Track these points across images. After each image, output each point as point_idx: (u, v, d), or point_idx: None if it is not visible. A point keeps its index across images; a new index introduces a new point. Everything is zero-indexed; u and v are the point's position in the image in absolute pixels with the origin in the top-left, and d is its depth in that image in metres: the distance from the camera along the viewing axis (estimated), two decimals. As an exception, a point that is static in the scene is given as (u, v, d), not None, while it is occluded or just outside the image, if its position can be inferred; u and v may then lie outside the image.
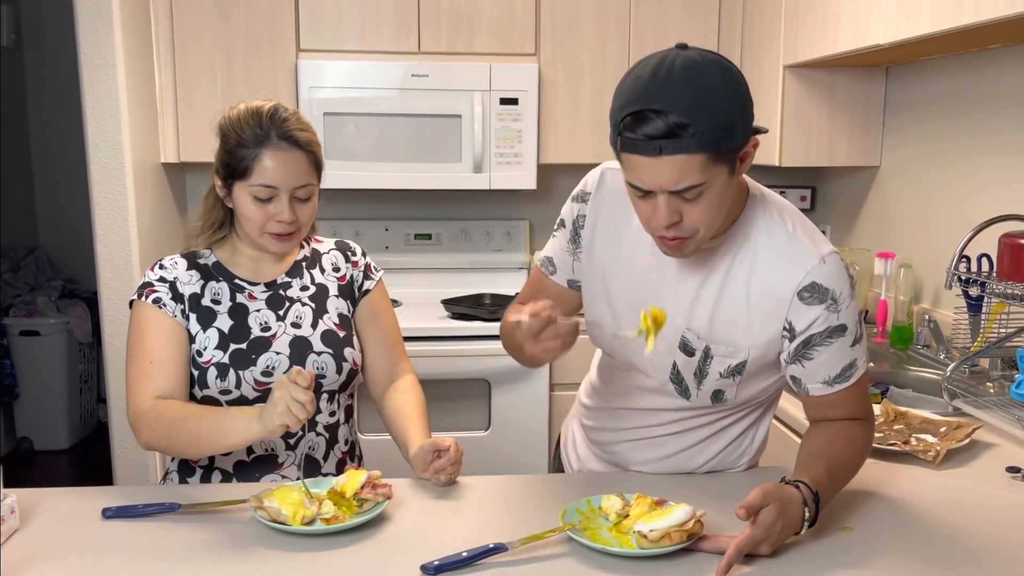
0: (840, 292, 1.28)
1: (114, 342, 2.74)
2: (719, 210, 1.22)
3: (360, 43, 2.94)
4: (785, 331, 1.30)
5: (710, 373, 1.35)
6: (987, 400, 1.81)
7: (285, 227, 1.47)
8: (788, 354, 1.32)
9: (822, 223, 3.19)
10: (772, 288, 1.29)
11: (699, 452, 1.48)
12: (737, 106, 1.17)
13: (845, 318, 1.28)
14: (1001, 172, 2.24)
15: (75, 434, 4.27)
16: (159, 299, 1.49)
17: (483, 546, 1.17)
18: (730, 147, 1.17)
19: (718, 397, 1.38)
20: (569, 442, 1.68)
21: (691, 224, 1.21)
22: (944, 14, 1.88)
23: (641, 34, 3.04)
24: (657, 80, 1.14)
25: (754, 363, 1.34)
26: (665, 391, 1.40)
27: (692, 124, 1.12)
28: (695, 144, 1.13)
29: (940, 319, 2.38)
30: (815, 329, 1.28)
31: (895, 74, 2.73)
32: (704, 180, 1.16)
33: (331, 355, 1.54)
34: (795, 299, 1.28)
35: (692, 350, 1.34)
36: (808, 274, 1.27)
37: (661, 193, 1.18)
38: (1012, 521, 1.33)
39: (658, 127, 1.13)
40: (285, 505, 1.25)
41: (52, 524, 1.29)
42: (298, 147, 1.46)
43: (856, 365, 1.32)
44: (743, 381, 1.36)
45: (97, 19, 2.59)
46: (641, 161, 1.16)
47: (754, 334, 1.31)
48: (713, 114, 1.13)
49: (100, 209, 2.68)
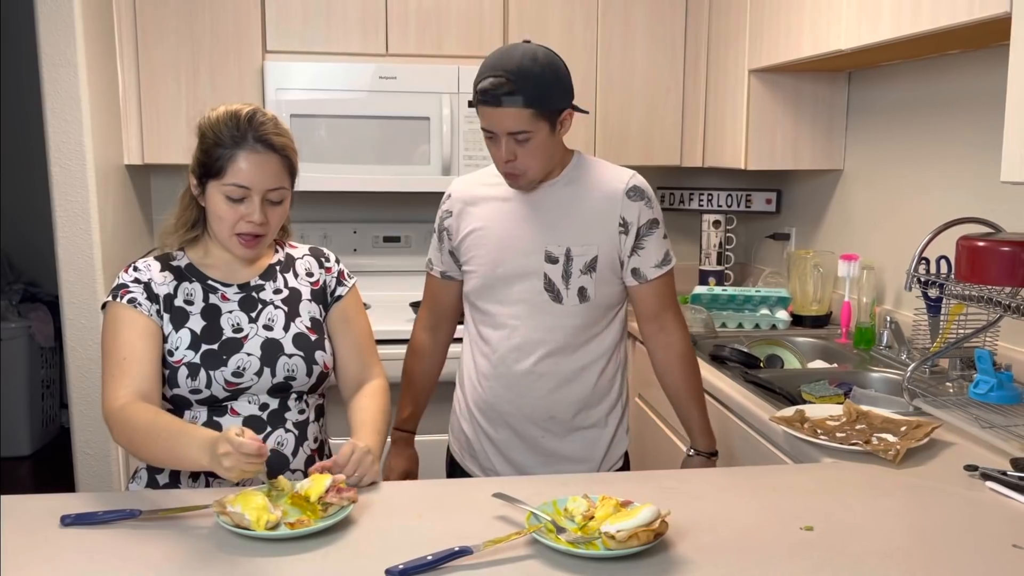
0: (651, 194, 1.79)
1: (76, 346, 2.70)
2: (544, 157, 1.70)
3: (327, 44, 2.93)
4: (620, 227, 1.75)
5: (573, 272, 1.75)
6: (946, 400, 1.84)
7: (255, 227, 1.49)
8: (627, 250, 1.76)
9: (787, 226, 3.23)
10: (606, 194, 1.76)
11: (569, 391, 1.79)
12: (553, 80, 1.66)
13: (657, 214, 1.79)
14: (960, 175, 2.28)
15: (37, 440, 4.20)
16: (134, 299, 1.50)
17: (448, 549, 1.17)
18: (548, 108, 1.65)
19: (583, 295, 1.76)
20: (463, 447, 1.90)
21: (523, 164, 1.69)
22: (903, 20, 1.91)
23: (608, 38, 3.06)
24: (502, 58, 1.66)
25: (603, 258, 1.75)
26: (539, 303, 1.75)
27: (520, 86, 1.61)
28: (522, 100, 1.62)
29: (902, 320, 2.41)
30: (640, 221, 1.76)
31: (857, 79, 2.77)
32: (531, 129, 1.65)
33: (302, 357, 1.55)
34: (624, 198, 1.75)
35: (556, 258, 1.75)
36: (629, 181, 1.77)
37: (502, 135, 1.66)
38: (969, 518, 1.36)
39: (499, 84, 1.62)
40: (248, 510, 1.23)
41: (9, 532, 1.27)
42: (273, 150, 1.49)
43: (671, 254, 1.81)
44: (598, 278, 1.75)
45: (58, 18, 2.55)
46: (488, 111, 1.66)
47: (599, 233, 1.75)
48: (537, 83, 1.63)
49: (61, 212, 2.64)
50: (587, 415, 1.82)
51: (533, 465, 1.82)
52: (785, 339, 2.61)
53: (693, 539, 1.25)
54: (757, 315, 2.84)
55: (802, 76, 2.78)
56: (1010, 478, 1.46)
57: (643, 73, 3.11)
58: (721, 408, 2.14)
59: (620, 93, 3.10)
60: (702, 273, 3.27)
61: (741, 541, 1.25)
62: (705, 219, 3.26)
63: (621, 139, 3.13)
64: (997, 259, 1.67)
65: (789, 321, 2.81)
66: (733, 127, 2.89)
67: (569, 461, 1.82)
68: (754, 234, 3.48)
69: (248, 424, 1.51)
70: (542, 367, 1.78)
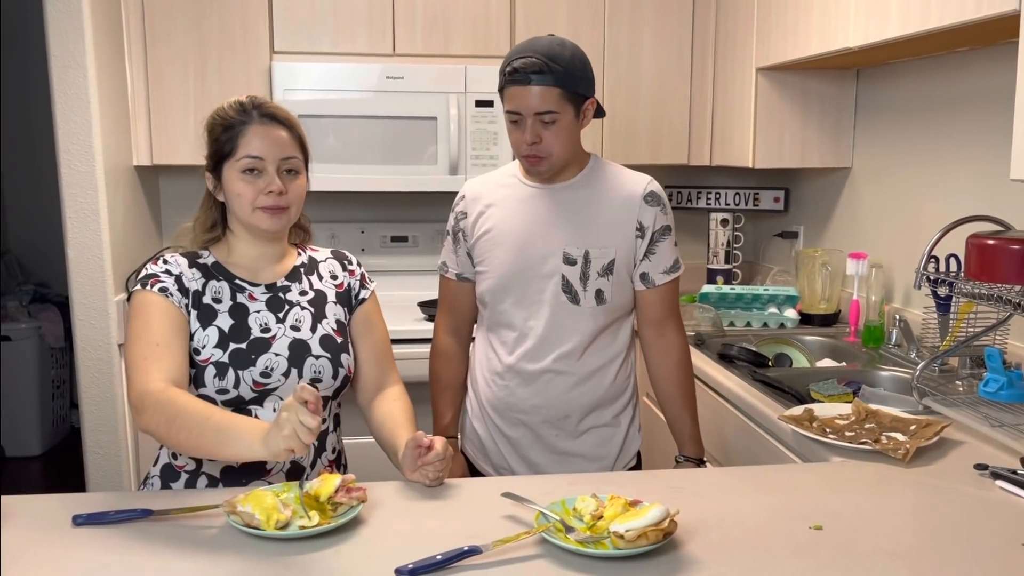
0: (666, 201, 1.82)
1: (86, 347, 2.71)
2: (568, 142, 1.72)
3: (335, 45, 2.94)
4: (637, 231, 1.78)
5: (591, 274, 1.76)
6: (956, 398, 1.84)
7: (275, 199, 1.48)
8: (640, 254, 1.79)
9: (795, 224, 3.22)
10: (625, 197, 1.78)
11: (584, 391, 1.80)
12: (581, 66, 1.70)
13: (670, 221, 1.82)
14: (969, 173, 2.27)
15: (47, 440, 4.22)
16: (165, 288, 1.48)
17: (457, 549, 1.17)
18: (575, 90, 1.68)
19: (600, 297, 1.76)
20: (477, 448, 1.91)
21: (547, 147, 1.70)
22: (912, 18, 1.90)
23: (615, 36, 3.06)
24: (531, 43, 1.70)
25: (620, 262, 1.77)
26: (557, 304, 1.76)
27: (551, 66, 1.65)
28: (551, 79, 1.65)
29: (911, 319, 2.41)
30: (656, 227, 1.78)
31: (866, 77, 2.76)
32: (558, 110, 1.67)
33: (328, 359, 1.55)
34: (642, 202, 1.78)
35: (574, 259, 1.76)
36: (647, 186, 1.80)
37: (528, 117, 1.68)
38: (979, 517, 1.35)
39: (529, 64, 1.65)
40: (258, 510, 1.24)
41: (22, 531, 1.28)
42: (279, 122, 1.52)
43: (679, 261, 1.85)
44: (615, 280, 1.77)
45: (67, 20, 2.56)
46: (517, 90, 1.67)
47: (617, 236, 1.77)
48: (565, 64, 1.67)
49: (71, 212, 2.65)
50: (601, 414, 1.83)
51: (548, 464, 1.83)
52: (793, 338, 2.61)
53: (702, 538, 1.25)
54: (765, 314, 2.83)
55: (810, 74, 2.77)
56: (1020, 477, 1.46)
57: (650, 72, 3.10)
58: (729, 407, 2.14)
59: (627, 92, 3.10)
60: (710, 272, 3.27)
61: (750, 540, 1.25)
62: (713, 218, 3.26)
63: (629, 138, 3.13)
64: (1007, 257, 1.67)
65: (797, 320, 2.80)
66: (741, 125, 2.88)
67: (584, 459, 1.83)
68: (762, 232, 3.47)
69: None
70: (558, 367, 1.78)
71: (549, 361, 1.78)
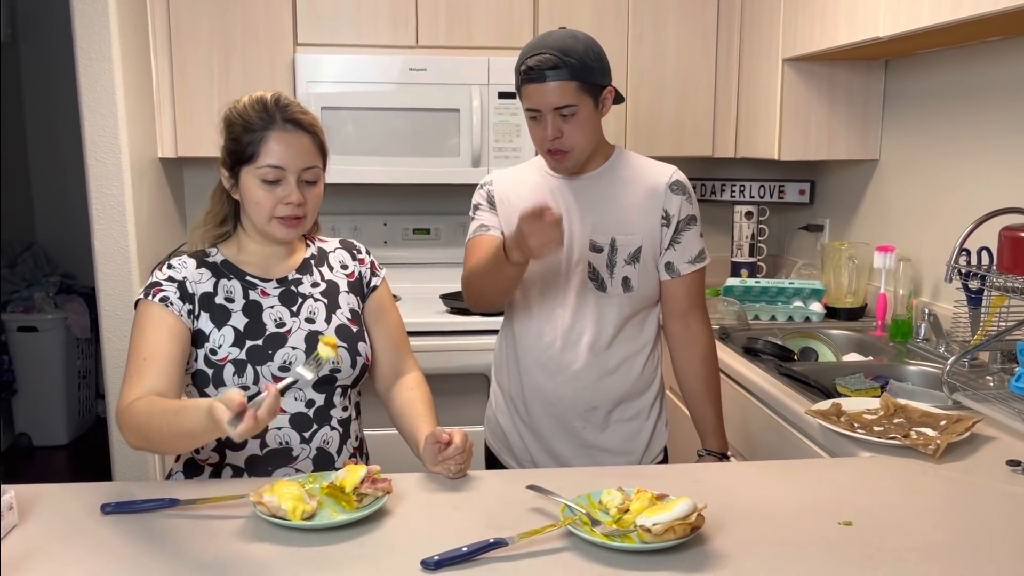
0: (691, 190, 1.81)
1: (112, 337, 2.73)
2: (589, 133, 1.71)
3: (358, 37, 2.93)
4: (663, 219, 1.77)
5: (618, 262, 1.76)
6: (987, 393, 1.81)
7: (293, 210, 1.48)
8: (666, 242, 1.78)
9: (821, 217, 3.19)
10: (650, 186, 1.78)
11: (612, 383, 1.79)
12: (595, 56, 1.68)
13: (695, 211, 1.81)
14: (1001, 165, 2.23)
15: (73, 430, 4.27)
16: (166, 298, 1.48)
17: (483, 541, 1.17)
18: (592, 81, 1.67)
19: (627, 285, 1.76)
20: (501, 442, 1.90)
21: (569, 141, 1.70)
22: (944, 6, 1.87)
23: (639, 27, 3.04)
24: (544, 39, 1.70)
25: (647, 250, 1.77)
26: (584, 292, 1.76)
27: (565, 60, 1.64)
28: (567, 73, 1.64)
29: (940, 313, 2.37)
30: (681, 215, 1.78)
31: (894, 67, 2.72)
32: (576, 103, 1.66)
33: (346, 349, 1.55)
34: (667, 191, 1.77)
35: (601, 247, 1.76)
36: (672, 175, 1.79)
37: (548, 112, 1.67)
38: (1012, 514, 1.33)
39: (544, 60, 1.64)
40: (284, 500, 1.24)
41: (51, 520, 1.29)
42: (303, 129, 1.49)
43: (705, 252, 1.83)
44: (642, 268, 1.77)
45: (93, 13, 2.57)
46: (534, 88, 1.67)
47: (642, 224, 1.77)
48: (579, 56, 1.65)
49: (97, 204, 2.67)
50: (628, 407, 1.82)
51: (574, 456, 1.82)
52: (819, 332, 2.58)
53: (729, 533, 1.24)
54: (790, 307, 2.80)
55: (837, 64, 2.73)
56: (1054, 474, 1.43)
57: (675, 63, 3.08)
58: (755, 401, 2.12)
59: (652, 83, 3.07)
60: (734, 265, 3.24)
61: (778, 535, 1.24)
62: (737, 210, 3.23)
63: (653, 130, 3.10)
64: (1041, 250, 1.63)
65: (823, 313, 2.77)
66: (766, 117, 2.85)
67: (610, 453, 1.82)
68: (787, 225, 3.44)
69: (294, 422, 1.51)
70: (586, 357, 1.77)
71: (576, 351, 1.77)
